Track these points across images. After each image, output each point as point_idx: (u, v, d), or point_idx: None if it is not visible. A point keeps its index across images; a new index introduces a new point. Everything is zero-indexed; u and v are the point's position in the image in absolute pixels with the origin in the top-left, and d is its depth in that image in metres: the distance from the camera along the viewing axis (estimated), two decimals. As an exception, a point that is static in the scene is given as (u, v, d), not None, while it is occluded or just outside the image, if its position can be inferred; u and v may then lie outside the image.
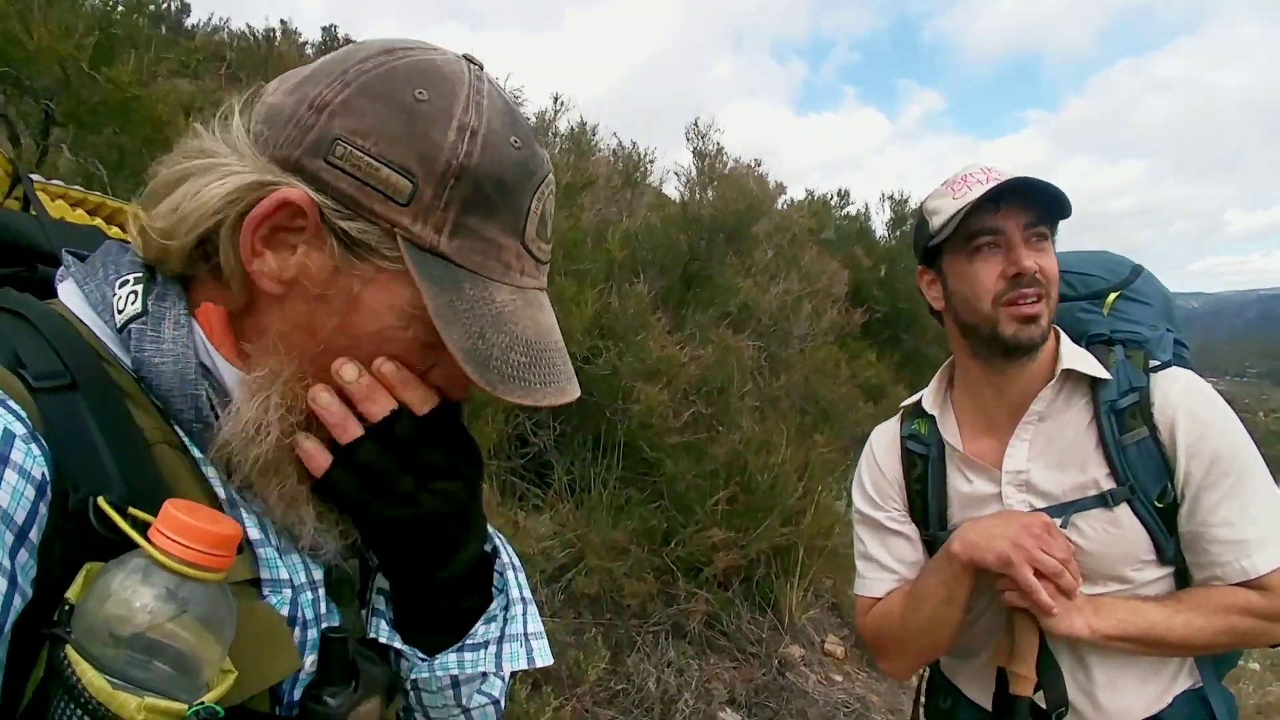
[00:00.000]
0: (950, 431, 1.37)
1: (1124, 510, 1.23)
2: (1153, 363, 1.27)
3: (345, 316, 0.62)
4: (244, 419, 0.61)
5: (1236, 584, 1.19)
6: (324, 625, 0.67)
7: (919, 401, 1.44)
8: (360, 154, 0.59)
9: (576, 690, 2.89)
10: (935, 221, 1.30)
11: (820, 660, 3.90)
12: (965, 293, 1.27)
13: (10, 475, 0.50)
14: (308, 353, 0.62)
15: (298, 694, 0.64)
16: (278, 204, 0.59)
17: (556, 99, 4.50)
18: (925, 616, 1.30)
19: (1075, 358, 1.27)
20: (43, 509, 0.52)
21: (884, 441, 1.47)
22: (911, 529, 1.40)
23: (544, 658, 0.73)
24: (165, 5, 3.41)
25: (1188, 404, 1.23)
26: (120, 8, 2.76)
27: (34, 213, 0.74)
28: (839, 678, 3.82)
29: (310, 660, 0.65)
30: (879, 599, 1.40)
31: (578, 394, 0.66)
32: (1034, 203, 1.23)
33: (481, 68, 0.65)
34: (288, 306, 0.63)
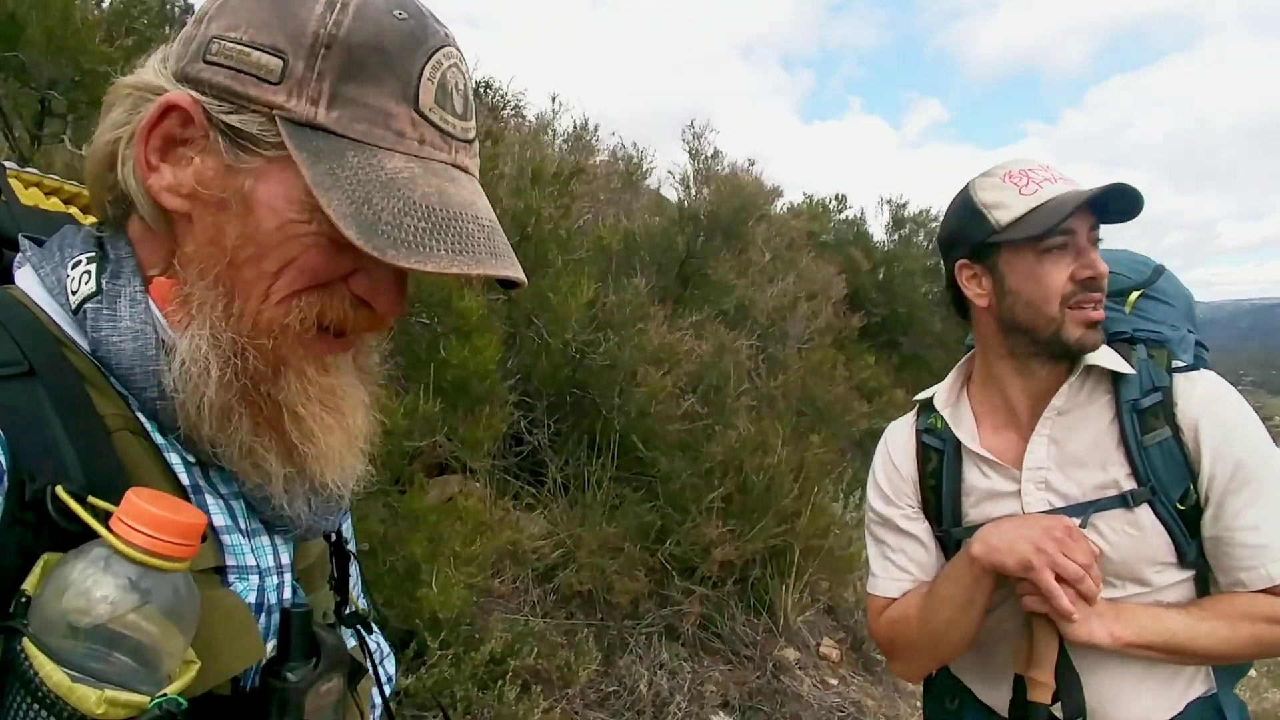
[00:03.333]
0: (966, 431, 1.35)
1: (1144, 511, 1.21)
2: (1176, 363, 1.26)
3: (244, 220, 0.59)
4: (178, 359, 0.59)
5: (1261, 590, 1.17)
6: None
7: (931, 399, 1.41)
8: (231, 45, 0.59)
9: (567, 692, 2.87)
10: (1000, 216, 1.25)
11: (815, 664, 3.88)
12: (1030, 293, 1.24)
13: None
14: (220, 270, 0.60)
15: (259, 679, 0.63)
16: (161, 109, 0.59)
17: (554, 99, 4.50)
18: (943, 621, 1.28)
19: (1098, 353, 1.26)
20: None
21: (899, 437, 1.44)
22: (924, 527, 1.38)
23: None
24: (170, 6, 3.40)
25: (1212, 407, 1.21)
26: (137, 8, 2.76)
27: (4, 199, 0.72)
28: (834, 681, 3.80)
29: (272, 645, 0.64)
30: (893, 599, 1.38)
31: (512, 273, 0.60)
32: (1097, 206, 1.22)
33: None
34: (196, 225, 0.61)
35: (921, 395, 1.45)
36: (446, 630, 2.48)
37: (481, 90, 6.23)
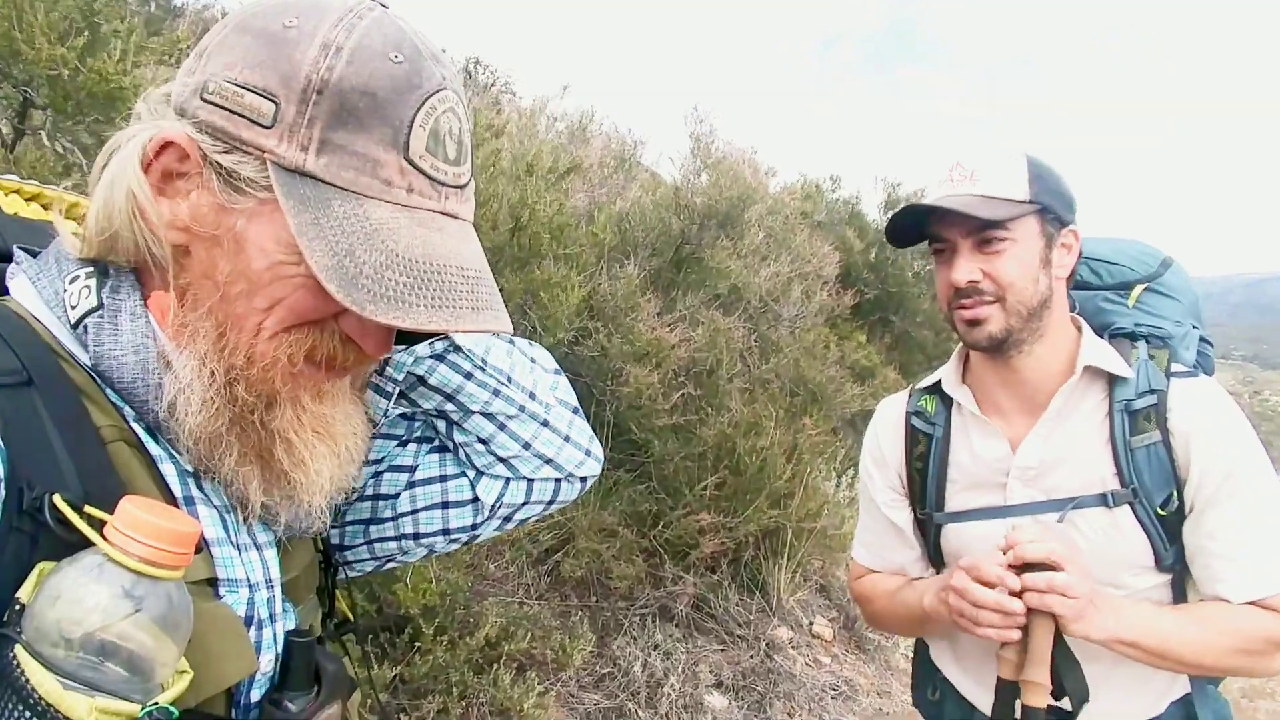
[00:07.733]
0: (968, 400, 1.33)
1: (1124, 513, 1.20)
2: (1176, 367, 1.23)
3: (235, 258, 0.60)
4: (170, 386, 0.60)
5: (1245, 604, 1.16)
6: (279, 624, 0.67)
7: (937, 382, 1.39)
8: (227, 84, 0.58)
9: (561, 675, 2.89)
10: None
11: (808, 642, 3.92)
12: (937, 293, 1.31)
13: None
14: (212, 303, 0.61)
15: (255, 695, 0.64)
16: (159, 145, 0.60)
17: (565, 88, 4.50)
18: (900, 623, 1.48)
19: (1096, 353, 1.24)
20: None
21: (889, 417, 1.45)
22: (906, 515, 1.40)
23: None
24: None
25: (1207, 418, 1.19)
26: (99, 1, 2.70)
27: None
28: (826, 660, 3.84)
29: (266, 660, 0.65)
30: (870, 570, 1.49)
31: (493, 326, 0.60)
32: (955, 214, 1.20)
33: (386, 8, 0.63)
34: (194, 258, 0.61)
35: (926, 381, 1.43)
36: (441, 615, 2.49)
37: (472, 68, 6.15)
